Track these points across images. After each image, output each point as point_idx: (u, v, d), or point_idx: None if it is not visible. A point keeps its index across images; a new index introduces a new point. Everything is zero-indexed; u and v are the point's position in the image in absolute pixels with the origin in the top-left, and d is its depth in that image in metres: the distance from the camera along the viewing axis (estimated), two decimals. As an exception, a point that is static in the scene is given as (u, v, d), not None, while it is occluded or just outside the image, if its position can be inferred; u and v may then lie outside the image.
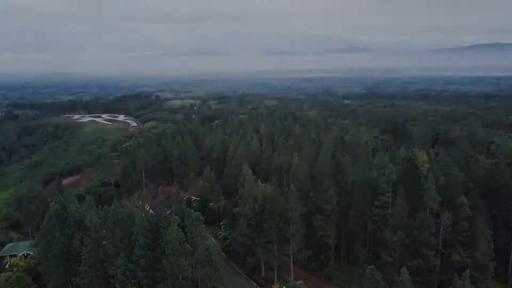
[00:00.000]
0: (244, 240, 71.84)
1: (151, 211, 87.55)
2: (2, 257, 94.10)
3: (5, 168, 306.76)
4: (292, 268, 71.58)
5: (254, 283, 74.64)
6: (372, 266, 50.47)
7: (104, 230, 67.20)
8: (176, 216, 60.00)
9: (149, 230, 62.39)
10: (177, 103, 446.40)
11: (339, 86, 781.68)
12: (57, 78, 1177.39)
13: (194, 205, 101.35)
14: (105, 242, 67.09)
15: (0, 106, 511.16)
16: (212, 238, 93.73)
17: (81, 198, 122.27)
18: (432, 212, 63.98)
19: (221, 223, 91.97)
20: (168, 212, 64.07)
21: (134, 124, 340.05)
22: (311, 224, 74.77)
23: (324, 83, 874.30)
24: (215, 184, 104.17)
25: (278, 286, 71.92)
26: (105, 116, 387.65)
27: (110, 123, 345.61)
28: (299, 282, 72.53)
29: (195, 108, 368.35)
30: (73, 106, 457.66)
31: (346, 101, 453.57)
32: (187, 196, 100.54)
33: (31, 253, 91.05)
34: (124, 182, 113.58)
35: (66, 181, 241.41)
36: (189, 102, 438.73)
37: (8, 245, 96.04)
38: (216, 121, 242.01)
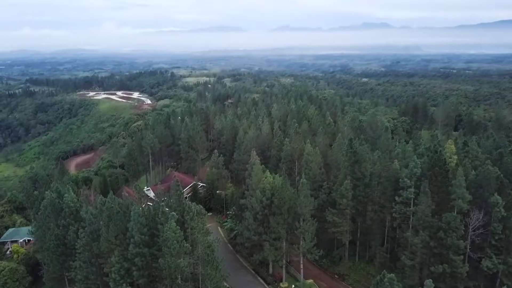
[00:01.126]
0: (250, 236, 65.67)
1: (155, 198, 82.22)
2: (3, 243, 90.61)
3: (23, 144, 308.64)
4: (302, 266, 65.32)
5: (261, 280, 68.82)
6: (392, 275, 43.53)
7: (101, 223, 61.82)
8: (173, 213, 53.77)
9: (145, 225, 56.62)
10: (191, 80, 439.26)
11: (356, 64, 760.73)
12: (75, 55, 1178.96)
13: (201, 191, 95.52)
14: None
15: (19, 82, 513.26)
16: (219, 228, 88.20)
17: (88, 181, 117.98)
18: (461, 212, 56.37)
19: (229, 212, 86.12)
20: (163, 203, 57.97)
21: (149, 101, 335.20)
22: (324, 218, 68.10)
23: (341, 60, 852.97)
24: (224, 170, 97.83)
25: (286, 284, 66.07)
26: (119, 93, 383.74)
27: (124, 100, 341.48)
28: (310, 281, 66.51)
29: (209, 85, 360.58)
30: (89, 83, 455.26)
31: (364, 79, 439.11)
32: (193, 183, 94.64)
33: (32, 239, 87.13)
34: (129, 166, 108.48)
35: (79, 159, 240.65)
36: (203, 79, 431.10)
37: (10, 230, 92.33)
38: (229, 100, 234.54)
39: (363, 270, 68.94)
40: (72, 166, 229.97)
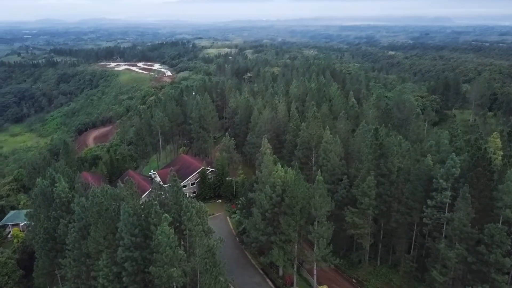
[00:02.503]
0: (257, 235, 57.78)
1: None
2: (5, 226, 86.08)
3: (46, 114, 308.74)
4: (315, 272, 57.34)
5: (270, 283, 61.43)
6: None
7: (91, 219, 54.92)
8: (166, 215, 46.00)
9: (137, 225, 49.27)
10: (213, 51, 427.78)
11: (383, 36, 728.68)
12: (98, 24, 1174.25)
13: (210, 177, 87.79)
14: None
15: (43, 52, 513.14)
16: (228, 218, 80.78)
17: (97, 160, 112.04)
18: (508, 222, 46.57)
19: (238, 202, 78.39)
20: (156, 201, 50.26)
21: (169, 73, 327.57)
22: (342, 217, 59.43)
23: (367, 32, 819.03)
24: (235, 154, 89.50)
25: (297, 290, 58.53)
26: (140, 64, 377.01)
27: (144, 72, 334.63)
28: (324, 287, 58.68)
29: (230, 57, 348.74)
30: (111, 53, 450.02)
31: (390, 52, 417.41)
32: (201, 168, 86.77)
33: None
34: (137, 146, 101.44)
35: (98, 131, 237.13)
36: (225, 50, 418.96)
37: (11, 213, 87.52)
38: (248, 74, 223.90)
39: (385, 276, 60.47)
40: (91, 138, 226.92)
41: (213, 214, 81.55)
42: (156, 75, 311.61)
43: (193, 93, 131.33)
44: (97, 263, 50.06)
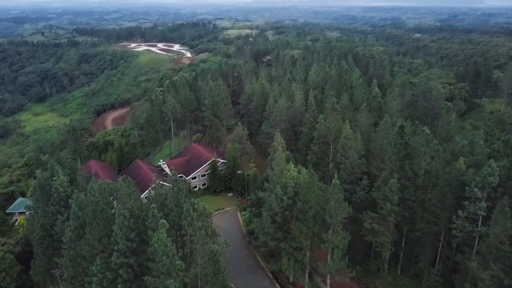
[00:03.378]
0: (266, 240, 52.71)
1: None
2: (12, 214, 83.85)
3: (67, 94, 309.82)
4: (328, 282, 52.12)
5: (279, 288, 56.75)
6: None
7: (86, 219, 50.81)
8: (163, 220, 41.19)
9: (133, 229, 44.79)
10: (233, 32, 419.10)
11: (409, 17, 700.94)
12: (121, 4, 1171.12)
13: (221, 169, 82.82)
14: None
15: (67, 31, 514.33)
16: (238, 214, 75.94)
17: (110, 145, 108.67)
18: (554, 242, 39.96)
19: (249, 197, 73.39)
20: (154, 204, 45.45)
21: (188, 54, 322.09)
22: (360, 221, 53.71)
23: (392, 13, 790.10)
24: (248, 145, 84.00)
25: (309, 300, 53.57)
26: (160, 45, 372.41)
27: (164, 53, 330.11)
28: (338, 297, 53.50)
29: (250, 39, 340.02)
30: (131, 33, 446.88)
31: (416, 35, 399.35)
32: (212, 159, 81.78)
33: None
34: (148, 134, 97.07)
35: (116, 113, 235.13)
36: (245, 32, 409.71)
37: (18, 200, 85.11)
38: (267, 57, 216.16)
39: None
40: (109, 120, 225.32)
41: (223, 209, 77.00)
42: (175, 57, 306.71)
43: (209, 78, 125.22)
44: (91, 267, 46.08)
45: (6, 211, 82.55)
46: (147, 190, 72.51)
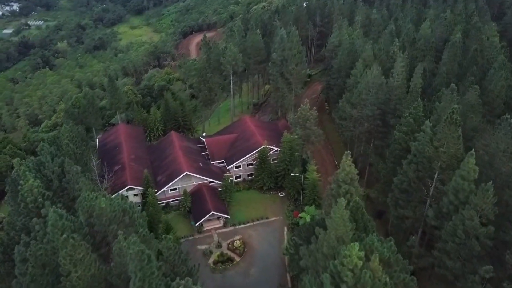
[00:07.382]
0: None
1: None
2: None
3: (163, 9, 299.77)
4: None
5: None
6: None
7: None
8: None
9: None
10: None
11: None
12: None
13: (274, 160, 60.13)
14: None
15: None
16: (285, 229, 54.68)
17: (163, 93, 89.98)
18: None
19: (303, 212, 51.55)
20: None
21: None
22: None
23: None
24: (316, 131, 58.61)
25: None
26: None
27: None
28: None
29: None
30: None
31: None
32: (263, 146, 58.95)
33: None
34: (199, 91, 75.64)
35: (201, 37, 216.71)
36: None
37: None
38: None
39: None
40: (193, 44, 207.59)
41: (266, 218, 56.17)
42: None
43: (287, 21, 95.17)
44: None
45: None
46: (172, 182, 54.38)
